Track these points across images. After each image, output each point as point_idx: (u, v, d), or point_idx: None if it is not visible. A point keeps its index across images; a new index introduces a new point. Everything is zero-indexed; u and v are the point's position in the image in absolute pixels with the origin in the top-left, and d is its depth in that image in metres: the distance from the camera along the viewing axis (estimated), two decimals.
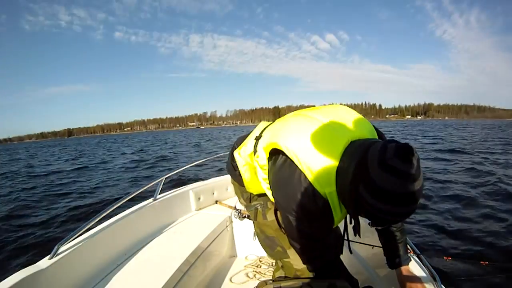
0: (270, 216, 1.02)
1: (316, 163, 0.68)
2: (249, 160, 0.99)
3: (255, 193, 1.07)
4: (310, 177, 0.68)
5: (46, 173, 10.65)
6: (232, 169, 1.13)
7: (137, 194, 1.72)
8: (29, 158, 20.72)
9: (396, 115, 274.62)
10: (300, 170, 0.70)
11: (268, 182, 0.86)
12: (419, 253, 1.12)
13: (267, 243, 1.07)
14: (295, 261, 0.98)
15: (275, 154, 0.80)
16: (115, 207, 1.53)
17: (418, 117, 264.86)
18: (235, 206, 2.07)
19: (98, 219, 1.42)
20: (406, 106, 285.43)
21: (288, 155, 0.73)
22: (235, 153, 1.07)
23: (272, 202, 1.00)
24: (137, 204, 1.82)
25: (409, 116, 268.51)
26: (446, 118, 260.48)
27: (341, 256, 1.22)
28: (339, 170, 0.66)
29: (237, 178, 1.11)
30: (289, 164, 0.73)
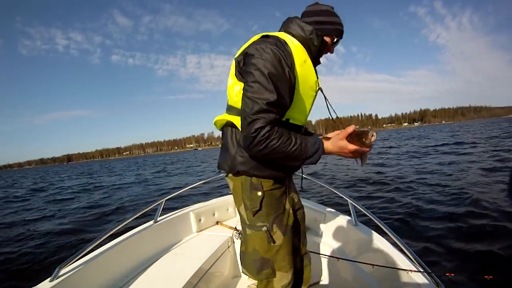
0: (278, 239, 0.99)
1: None
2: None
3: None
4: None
5: None
6: (232, 147, 1.00)
7: (138, 216, 1.74)
8: None
9: (393, 124, 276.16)
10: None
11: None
12: (429, 270, 1.14)
13: (257, 264, 1.01)
14: (279, 280, 1.02)
15: None
16: (115, 229, 1.55)
17: (415, 123, 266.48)
18: (235, 227, 2.07)
19: (99, 241, 1.42)
20: (402, 114, 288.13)
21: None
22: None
23: (276, 225, 0.99)
24: (138, 226, 1.83)
25: (406, 124, 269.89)
26: (443, 122, 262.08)
27: (349, 272, 1.26)
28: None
29: (233, 156, 0.99)
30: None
